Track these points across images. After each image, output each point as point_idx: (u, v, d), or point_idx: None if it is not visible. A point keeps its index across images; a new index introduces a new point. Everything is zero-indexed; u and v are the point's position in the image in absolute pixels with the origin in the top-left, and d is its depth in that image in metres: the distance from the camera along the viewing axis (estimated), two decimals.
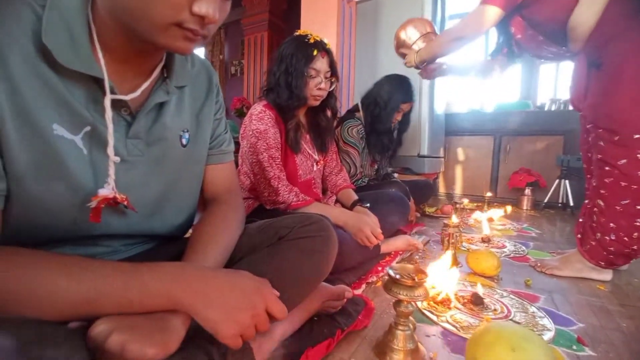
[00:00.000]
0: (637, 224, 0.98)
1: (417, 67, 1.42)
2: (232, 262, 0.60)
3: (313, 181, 1.22)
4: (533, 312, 0.84)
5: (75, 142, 0.42)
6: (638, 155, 0.95)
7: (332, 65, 1.09)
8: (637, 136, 0.95)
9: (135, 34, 0.41)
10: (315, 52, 1.04)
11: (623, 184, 0.99)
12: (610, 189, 1.02)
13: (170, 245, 0.62)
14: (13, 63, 0.37)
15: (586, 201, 1.17)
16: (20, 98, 0.38)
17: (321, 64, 1.06)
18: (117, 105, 0.45)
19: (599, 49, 1.02)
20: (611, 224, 1.02)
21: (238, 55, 4.55)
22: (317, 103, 1.11)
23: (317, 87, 1.06)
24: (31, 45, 0.38)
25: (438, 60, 1.38)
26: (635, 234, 0.99)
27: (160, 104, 0.50)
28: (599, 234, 1.06)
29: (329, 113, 1.20)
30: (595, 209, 1.08)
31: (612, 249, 1.03)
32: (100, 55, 0.42)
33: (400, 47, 1.50)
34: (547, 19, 1.08)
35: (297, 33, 1.10)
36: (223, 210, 0.62)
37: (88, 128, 0.43)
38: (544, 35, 1.13)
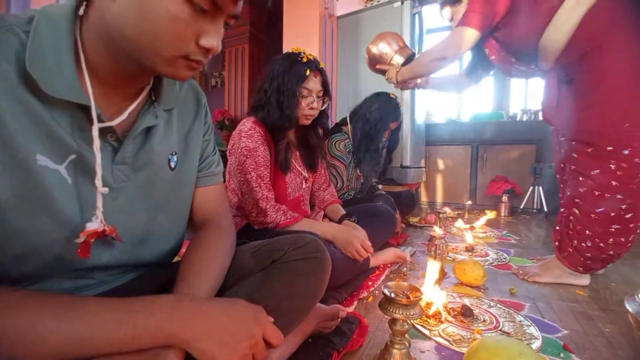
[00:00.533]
0: (612, 230, 1.04)
1: (398, 84, 1.49)
2: (226, 287, 0.59)
3: (302, 198, 1.21)
4: (520, 321, 0.87)
5: (59, 171, 0.41)
6: (611, 166, 1.01)
7: (324, 85, 1.08)
8: (610, 148, 1.01)
9: (133, 62, 0.40)
10: (308, 72, 1.03)
11: (597, 193, 1.05)
12: (585, 198, 1.08)
13: (158, 273, 0.60)
14: None
15: (561, 209, 1.22)
16: (2, 128, 0.36)
17: (314, 83, 1.05)
18: (103, 131, 0.44)
19: (569, 67, 1.08)
20: (587, 231, 1.08)
21: (219, 67, 4.53)
22: (309, 122, 1.11)
23: (309, 106, 1.06)
24: (14, 73, 0.37)
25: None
26: (611, 239, 1.04)
27: (148, 128, 0.49)
28: (575, 241, 1.11)
29: (319, 131, 1.19)
30: (571, 217, 1.13)
31: (589, 254, 1.08)
32: (87, 81, 0.41)
33: (376, 63, 1.55)
34: (520, 40, 1.15)
35: (290, 50, 1.09)
36: (214, 235, 0.60)
37: (73, 156, 0.41)
38: (516, 56, 1.21)
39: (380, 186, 2.01)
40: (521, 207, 2.64)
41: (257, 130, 1.04)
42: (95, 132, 0.41)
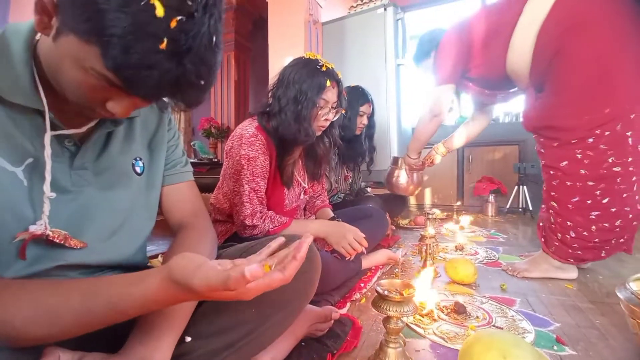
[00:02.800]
0: (593, 217, 1.06)
1: (418, 164, 1.73)
2: None
3: (298, 209, 1.19)
4: (512, 316, 0.87)
5: (16, 174, 0.42)
6: (577, 155, 1.06)
7: (339, 96, 1.03)
8: (574, 140, 1.06)
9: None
10: (328, 83, 0.97)
11: (569, 183, 1.09)
12: (559, 189, 1.12)
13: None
14: None
15: (543, 206, 1.25)
16: None
17: (332, 94, 1.00)
18: (60, 137, 0.45)
19: (541, 77, 1.15)
20: (568, 222, 1.10)
21: None
22: (319, 133, 1.05)
23: (324, 118, 1.00)
24: None
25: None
26: (593, 227, 1.07)
27: (108, 133, 0.50)
28: (559, 234, 1.14)
29: (327, 141, 1.12)
30: (551, 211, 1.17)
31: (575, 245, 1.10)
32: (41, 91, 0.42)
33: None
34: (490, 73, 1.28)
35: (306, 56, 1.03)
36: (194, 239, 0.59)
37: (30, 160, 0.43)
38: (490, 87, 1.36)
39: (369, 189, 2.02)
40: (507, 206, 2.68)
41: (259, 137, 0.98)
42: (47, 139, 0.42)
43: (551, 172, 1.14)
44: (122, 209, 0.53)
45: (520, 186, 2.64)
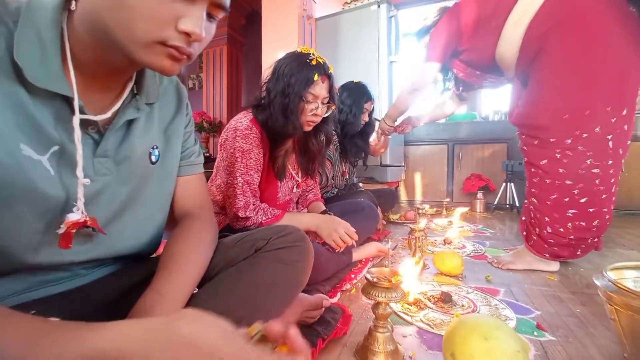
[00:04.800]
0: (569, 215, 1.11)
1: (390, 130, 1.74)
2: (208, 277, 0.58)
3: (290, 202, 1.20)
4: (496, 305, 0.91)
5: (42, 162, 0.40)
6: (557, 155, 1.10)
7: (331, 91, 1.02)
8: (553, 140, 1.10)
9: (118, 52, 0.39)
10: (316, 77, 0.96)
11: (548, 181, 1.13)
12: (539, 186, 1.16)
13: (136, 267, 0.59)
14: None
15: (525, 201, 1.29)
16: None
17: (320, 89, 0.99)
18: (84, 123, 0.43)
19: (526, 71, 1.19)
20: (546, 218, 1.15)
21: (196, 69, 4.46)
22: (309, 129, 1.04)
23: (312, 112, 0.99)
24: (3, 62, 0.37)
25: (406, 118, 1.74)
26: (569, 224, 1.11)
27: (129, 121, 0.48)
28: (537, 229, 1.18)
29: (322, 137, 1.12)
30: (531, 207, 1.21)
31: (551, 240, 1.15)
32: (71, 73, 0.40)
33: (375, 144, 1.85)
34: (480, 58, 1.30)
35: (299, 50, 1.03)
36: (196, 228, 0.59)
37: (56, 148, 0.41)
38: (481, 70, 1.36)
39: (361, 184, 2.04)
40: (495, 202, 2.74)
41: (254, 130, 0.99)
42: (76, 122, 0.41)
43: (532, 169, 1.18)
44: (136, 199, 0.52)
45: (508, 183, 2.71)
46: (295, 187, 1.18)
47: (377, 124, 1.81)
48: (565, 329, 0.79)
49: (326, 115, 1.05)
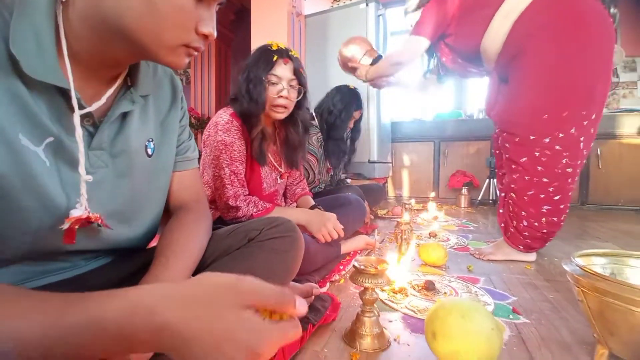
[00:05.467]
0: (544, 210, 1.17)
1: (367, 81, 1.64)
2: (203, 267, 0.61)
3: (277, 194, 1.23)
4: (476, 292, 0.96)
5: (37, 153, 0.40)
6: (536, 153, 1.16)
7: (297, 73, 1.05)
8: (532, 137, 1.16)
9: (121, 48, 0.41)
10: (275, 58, 1.02)
11: (527, 177, 1.19)
12: (518, 182, 1.22)
13: (133, 258, 0.60)
14: None
15: (502, 194, 1.36)
16: None
17: (283, 70, 1.03)
18: (80, 116, 0.43)
19: (505, 67, 1.23)
20: (522, 212, 1.21)
21: None
22: (282, 115, 1.07)
23: (278, 94, 1.03)
24: (0, 51, 0.37)
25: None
26: (543, 219, 1.18)
27: (124, 114, 0.49)
28: (515, 222, 1.24)
29: (300, 127, 1.15)
30: (509, 201, 1.27)
31: (526, 233, 1.21)
32: (68, 66, 0.40)
33: (348, 62, 1.70)
34: (465, 45, 1.33)
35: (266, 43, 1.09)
36: (192, 219, 0.61)
37: (51, 139, 0.41)
38: (463, 58, 1.38)
39: (349, 180, 2.09)
40: (479, 198, 2.83)
41: (234, 124, 1.03)
42: (77, 119, 0.41)
43: (513, 166, 1.24)
44: (132, 193, 0.52)
45: (491, 179, 2.80)
46: (279, 177, 1.21)
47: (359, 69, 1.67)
48: (539, 312, 0.85)
49: (299, 99, 1.09)
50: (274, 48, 1.05)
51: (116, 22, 0.38)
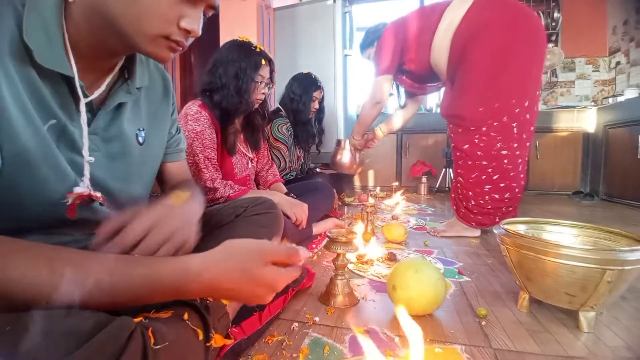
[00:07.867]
0: (486, 189, 1.37)
1: (361, 144, 1.90)
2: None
3: (248, 178, 1.31)
4: (430, 260, 1.12)
5: (45, 130, 0.44)
6: (475, 140, 1.36)
7: (271, 74, 1.21)
8: (472, 128, 1.36)
9: (116, 39, 0.45)
10: (263, 62, 1.15)
11: (469, 162, 1.38)
12: (463, 167, 1.41)
13: None
14: (5, 55, 0.40)
15: (453, 180, 1.55)
16: (15, 89, 0.41)
17: (265, 72, 1.17)
18: (80, 102, 0.48)
19: (454, 74, 1.43)
20: (470, 193, 1.41)
21: None
22: (257, 106, 1.21)
23: (261, 92, 1.17)
24: (15, 42, 0.41)
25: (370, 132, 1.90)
26: (487, 197, 1.38)
27: (119, 104, 0.53)
28: (464, 202, 1.44)
29: (262, 113, 1.29)
30: (458, 185, 1.47)
31: (475, 211, 1.41)
32: (71, 56, 0.44)
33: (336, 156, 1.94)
34: (418, 67, 1.54)
35: (240, 39, 1.18)
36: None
37: (54, 121, 0.44)
38: (420, 80, 1.63)
39: (318, 169, 2.20)
40: (437, 186, 3.09)
41: (204, 114, 1.10)
42: (83, 106, 0.46)
43: (458, 153, 1.43)
44: (124, 178, 0.56)
45: (447, 169, 3.06)
46: (249, 162, 1.31)
47: (345, 142, 1.91)
48: (478, 273, 1.03)
49: (268, 92, 1.23)
50: (258, 49, 1.15)
51: (104, 9, 0.42)
